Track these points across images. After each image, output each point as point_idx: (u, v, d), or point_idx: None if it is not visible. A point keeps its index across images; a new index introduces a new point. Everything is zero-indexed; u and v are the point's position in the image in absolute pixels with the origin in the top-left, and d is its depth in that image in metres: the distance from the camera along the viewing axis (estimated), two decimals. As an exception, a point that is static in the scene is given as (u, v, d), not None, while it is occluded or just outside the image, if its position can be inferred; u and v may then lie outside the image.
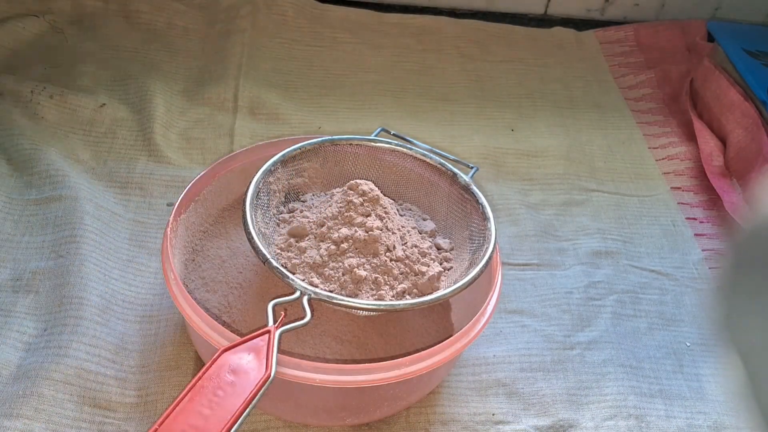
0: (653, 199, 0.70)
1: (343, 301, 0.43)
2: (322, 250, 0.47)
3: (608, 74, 0.85)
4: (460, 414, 0.50)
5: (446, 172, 0.54)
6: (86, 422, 0.46)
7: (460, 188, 0.53)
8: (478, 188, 0.52)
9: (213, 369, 0.38)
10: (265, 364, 0.39)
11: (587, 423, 0.50)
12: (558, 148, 0.73)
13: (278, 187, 0.52)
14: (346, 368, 0.42)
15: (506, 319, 0.56)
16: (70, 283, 0.52)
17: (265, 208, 0.50)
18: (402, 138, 0.56)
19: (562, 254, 0.62)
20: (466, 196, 0.53)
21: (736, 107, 0.74)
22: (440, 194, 0.54)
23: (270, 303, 0.42)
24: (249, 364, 0.39)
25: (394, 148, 0.55)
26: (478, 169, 0.55)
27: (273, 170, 0.51)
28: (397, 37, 0.85)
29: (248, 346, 0.40)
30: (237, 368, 0.38)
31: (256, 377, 0.38)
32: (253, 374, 0.38)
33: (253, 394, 0.37)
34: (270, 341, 0.40)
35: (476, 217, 0.51)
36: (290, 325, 0.41)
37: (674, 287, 0.61)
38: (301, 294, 0.43)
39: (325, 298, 0.43)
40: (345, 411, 0.47)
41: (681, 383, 0.54)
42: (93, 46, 0.76)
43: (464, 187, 0.53)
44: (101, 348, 0.49)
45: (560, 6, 0.91)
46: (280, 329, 0.41)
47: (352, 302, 0.43)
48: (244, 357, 0.39)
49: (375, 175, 0.55)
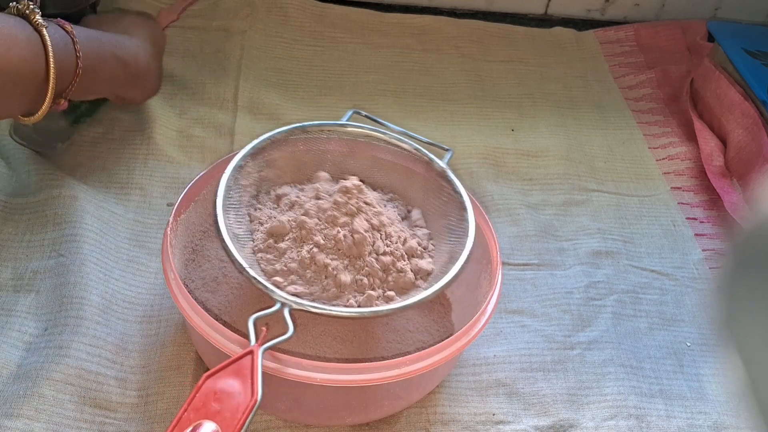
0: (653, 199, 0.70)
1: (325, 310, 0.42)
2: (303, 251, 0.46)
3: (608, 74, 0.85)
4: (460, 414, 0.50)
5: (421, 158, 0.52)
6: (87, 422, 0.46)
7: (436, 174, 0.51)
8: (457, 176, 0.51)
9: (198, 398, 0.37)
10: (250, 388, 0.37)
11: (587, 423, 0.50)
12: (558, 148, 0.73)
13: (248, 181, 0.50)
14: (346, 367, 0.42)
15: (506, 319, 0.56)
16: (70, 282, 0.52)
17: (237, 206, 0.48)
18: (375, 121, 0.54)
19: (562, 254, 0.62)
20: (443, 184, 0.51)
21: (736, 107, 0.74)
22: (417, 181, 0.53)
23: (250, 318, 0.40)
24: (234, 388, 0.37)
25: (368, 132, 0.53)
26: (453, 153, 0.53)
27: (243, 165, 0.49)
28: (397, 37, 0.85)
29: (232, 370, 0.38)
30: (222, 395, 0.37)
31: (241, 403, 0.36)
32: (239, 399, 0.36)
33: (241, 423, 0.36)
34: (254, 362, 0.38)
35: (453, 207, 0.50)
36: (273, 341, 0.39)
37: (674, 287, 0.61)
38: (282, 305, 0.41)
39: (308, 308, 0.42)
40: (345, 410, 0.47)
41: (681, 383, 0.54)
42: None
43: (440, 173, 0.51)
44: (102, 348, 0.49)
45: (560, 6, 0.91)
46: (262, 347, 0.39)
47: (335, 311, 0.42)
48: (228, 382, 0.37)
49: (349, 163, 0.53)
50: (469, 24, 0.88)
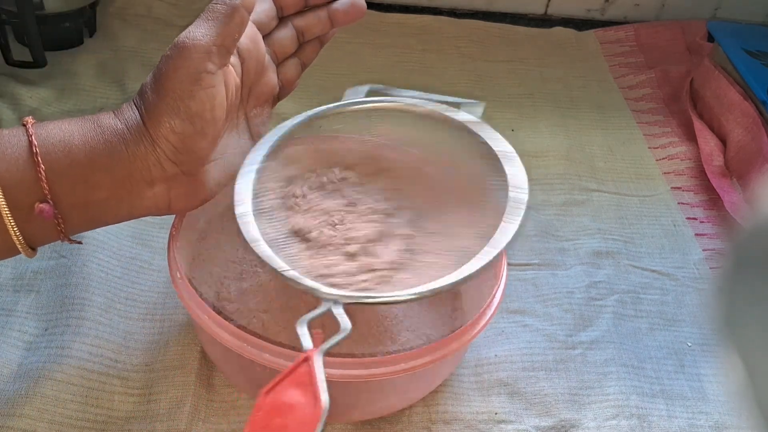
0: (654, 199, 0.70)
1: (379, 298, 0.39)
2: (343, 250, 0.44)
3: (608, 74, 0.85)
4: (462, 413, 0.50)
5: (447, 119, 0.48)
6: (89, 422, 0.46)
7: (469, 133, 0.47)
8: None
9: (260, 417, 0.33)
10: (313, 396, 0.34)
11: (589, 423, 0.50)
12: (558, 148, 0.73)
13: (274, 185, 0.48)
14: (348, 362, 0.41)
15: (508, 318, 0.56)
16: (72, 283, 0.52)
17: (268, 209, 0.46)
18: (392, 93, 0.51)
19: (563, 254, 0.63)
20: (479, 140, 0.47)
21: (736, 107, 0.74)
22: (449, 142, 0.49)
23: (302, 322, 0.37)
24: (295, 399, 0.34)
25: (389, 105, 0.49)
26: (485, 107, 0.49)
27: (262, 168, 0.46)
28: (397, 37, 0.85)
29: (290, 380, 0.35)
30: (284, 408, 0.34)
31: (307, 414, 0.33)
32: (304, 410, 0.33)
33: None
34: (312, 368, 0.35)
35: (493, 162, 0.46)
36: (329, 342, 0.36)
37: (675, 287, 0.61)
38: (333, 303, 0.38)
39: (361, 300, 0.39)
40: (347, 407, 0.47)
41: (682, 383, 0.54)
42: (92, 45, 0.76)
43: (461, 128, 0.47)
44: (104, 348, 0.50)
45: (560, 6, 0.91)
46: (319, 350, 0.35)
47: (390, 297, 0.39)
48: (288, 393, 0.34)
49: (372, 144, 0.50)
50: (469, 24, 0.88)
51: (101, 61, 0.75)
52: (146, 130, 0.40)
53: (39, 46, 0.70)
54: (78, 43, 0.76)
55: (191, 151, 0.40)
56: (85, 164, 0.39)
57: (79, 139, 0.39)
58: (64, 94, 0.70)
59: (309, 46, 0.49)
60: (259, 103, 0.47)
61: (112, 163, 0.39)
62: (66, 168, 0.39)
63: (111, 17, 0.80)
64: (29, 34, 0.69)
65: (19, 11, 0.67)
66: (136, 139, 0.40)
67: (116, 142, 0.39)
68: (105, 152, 0.39)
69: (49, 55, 0.72)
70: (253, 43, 0.44)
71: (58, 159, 0.38)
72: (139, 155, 0.40)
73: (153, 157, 0.40)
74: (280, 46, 0.47)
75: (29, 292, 0.52)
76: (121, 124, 0.40)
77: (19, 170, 0.38)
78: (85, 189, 0.39)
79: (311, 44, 0.49)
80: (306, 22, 0.48)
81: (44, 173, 0.38)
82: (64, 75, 0.72)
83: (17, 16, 0.68)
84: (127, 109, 0.41)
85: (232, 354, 0.42)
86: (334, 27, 0.49)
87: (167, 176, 0.41)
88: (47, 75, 0.72)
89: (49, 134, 0.39)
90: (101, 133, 0.39)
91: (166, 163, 0.40)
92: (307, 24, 0.48)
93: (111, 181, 0.40)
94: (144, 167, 0.40)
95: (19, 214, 0.38)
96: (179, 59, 0.39)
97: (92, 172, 0.39)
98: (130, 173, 0.40)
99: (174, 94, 0.39)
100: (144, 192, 0.41)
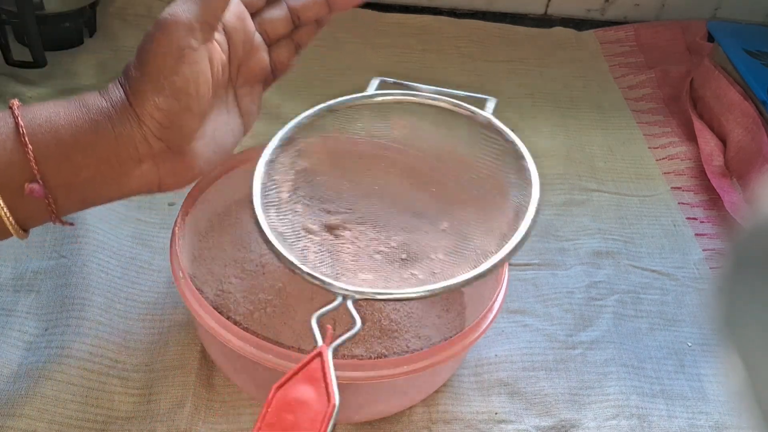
0: (654, 199, 0.70)
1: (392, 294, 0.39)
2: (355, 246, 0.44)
3: (608, 74, 0.85)
4: (462, 413, 0.50)
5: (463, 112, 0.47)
6: (89, 422, 0.46)
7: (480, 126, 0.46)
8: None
9: (271, 413, 0.33)
10: (325, 392, 0.34)
11: (589, 423, 0.50)
12: (558, 148, 0.73)
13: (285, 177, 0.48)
14: (350, 363, 0.42)
15: (508, 318, 0.56)
16: (72, 284, 0.52)
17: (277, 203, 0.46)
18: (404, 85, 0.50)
19: (563, 254, 0.63)
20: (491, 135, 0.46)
21: (736, 107, 0.74)
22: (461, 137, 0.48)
23: (313, 317, 0.37)
24: (307, 395, 0.34)
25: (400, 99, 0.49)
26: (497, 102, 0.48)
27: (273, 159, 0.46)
28: (397, 37, 0.85)
29: (302, 376, 0.35)
30: (295, 404, 0.34)
31: (318, 410, 0.33)
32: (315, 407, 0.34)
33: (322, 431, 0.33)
34: (324, 364, 0.35)
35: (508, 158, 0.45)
36: (341, 338, 0.36)
37: (675, 287, 0.61)
38: (344, 298, 0.38)
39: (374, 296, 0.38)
40: (347, 408, 0.47)
41: (683, 383, 0.54)
42: (92, 45, 0.76)
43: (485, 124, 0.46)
44: (104, 348, 0.50)
45: (560, 6, 0.91)
46: (331, 346, 0.36)
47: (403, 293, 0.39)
48: (299, 389, 0.34)
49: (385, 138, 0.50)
50: (469, 24, 0.88)
51: (101, 61, 0.75)
52: (131, 108, 0.39)
53: (39, 46, 0.70)
54: (78, 43, 0.76)
55: (177, 127, 0.40)
56: (71, 143, 0.39)
57: (65, 119, 0.39)
58: (64, 94, 0.70)
59: (304, 29, 0.48)
60: (249, 82, 0.46)
61: (98, 142, 0.39)
62: (53, 148, 0.39)
63: (111, 17, 0.80)
64: (29, 34, 0.69)
65: (19, 11, 0.67)
66: (121, 117, 0.39)
67: (102, 120, 0.39)
68: (91, 131, 0.39)
69: (49, 55, 0.72)
70: (239, 21, 0.43)
71: (44, 139, 0.38)
72: (125, 133, 0.39)
73: (139, 135, 0.40)
74: (272, 26, 0.46)
75: (29, 292, 0.52)
76: (106, 103, 0.40)
77: (7, 152, 0.38)
78: (73, 168, 0.39)
79: (307, 27, 0.48)
80: (301, 3, 0.47)
81: (32, 153, 0.38)
82: (64, 75, 0.72)
83: (17, 16, 0.68)
84: (113, 88, 0.41)
85: (234, 353, 0.42)
86: (331, 11, 0.48)
87: (154, 153, 0.40)
88: (47, 75, 0.72)
89: (35, 115, 0.39)
90: (87, 113, 0.39)
91: (152, 140, 0.40)
92: (302, 6, 0.47)
93: (98, 159, 0.39)
94: (130, 145, 0.40)
95: (9, 195, 0.38)
96: (162, 36, 0.39)
97: (78, 151, 0.39)
98: (116, 151, 0.40)
99: (157, 71, 0.39)
100: (132, 170, 0.41)
